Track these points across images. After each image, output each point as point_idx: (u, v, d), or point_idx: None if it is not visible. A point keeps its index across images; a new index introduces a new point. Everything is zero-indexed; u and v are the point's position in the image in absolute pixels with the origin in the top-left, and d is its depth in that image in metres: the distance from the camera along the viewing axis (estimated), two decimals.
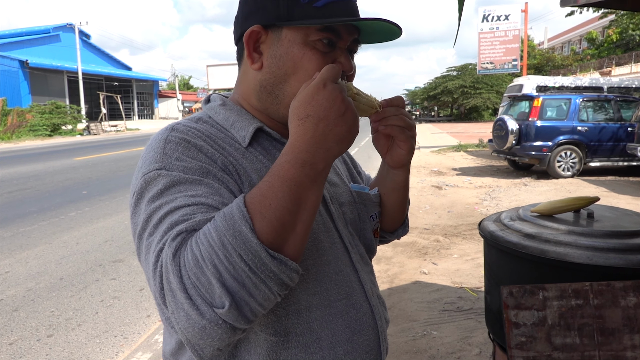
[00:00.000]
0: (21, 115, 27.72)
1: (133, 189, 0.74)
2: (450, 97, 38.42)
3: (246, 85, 0.85)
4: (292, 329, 0.75)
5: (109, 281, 4.22)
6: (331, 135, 0.65)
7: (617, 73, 23.51)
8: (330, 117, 0.65)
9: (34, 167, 12.10)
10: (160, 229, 0.65)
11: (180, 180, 0.69)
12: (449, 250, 4.92)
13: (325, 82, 0.66)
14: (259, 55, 0.81)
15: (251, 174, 0.77)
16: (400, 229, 1.07)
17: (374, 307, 0.86)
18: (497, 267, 2.02)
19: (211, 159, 0.74)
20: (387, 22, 0.78)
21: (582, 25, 46.51)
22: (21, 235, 5.67)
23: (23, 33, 36.81)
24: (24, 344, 3.15)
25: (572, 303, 1.52)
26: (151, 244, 0.66)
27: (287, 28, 0.78)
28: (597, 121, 9.64)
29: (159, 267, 0.63)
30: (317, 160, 0.65)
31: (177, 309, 0.61)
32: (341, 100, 0.65)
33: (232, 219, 0.61)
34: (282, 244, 0.63)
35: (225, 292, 0.59)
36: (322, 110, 0.65)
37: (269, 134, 0.84)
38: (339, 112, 0.65)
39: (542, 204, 2.05)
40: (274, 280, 0.61)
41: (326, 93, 0.65)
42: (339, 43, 0.80)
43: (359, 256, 0.89)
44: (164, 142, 0.74)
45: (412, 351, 2.89)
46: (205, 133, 0.78)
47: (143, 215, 0.69)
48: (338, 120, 0.65)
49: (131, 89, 44.86)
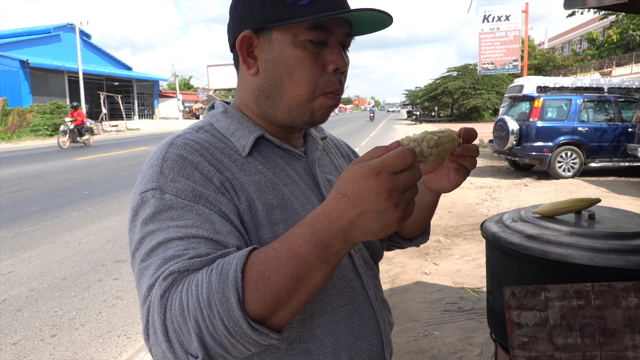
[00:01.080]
0: (22, 115, 27.72)
1: (131, 204, 0.75)
2: (451, 98, 38.39)
3: (245, 91, 0.85)
4: (295, 336, 0.76)
5: (111, 281, 4.24)
6: (359, 226, 0.59)
7: (617, 73, 23.51)
8: (365, 209, 0.58)
9: (35, 167, 12.11)
10: (154, 262, 0.66)
11: (172, 205, 0.70)
12: (450, 250, 4.94)
13: (380, 171, 0.58)
14: (254, 60, 0.81)
15: (248, 188, 0.77)
16: (419, 238, 1.06)
17: (378, 311, 0.86)
18: (499, 268, 2.04)
19: (206, 177, 0.74)
20: (375, 10, 0.76)
21: (583, 26, 46.51)
22: (24, 236, 5.69)
23: (24, 33, 36.81)
24: (27, 344, 3.17)
25: (573, 304, 1.54)
26: (143, 274, 0.68)
27: (276, 30, 0.78)
28: (598, 122, 9.66)
29: (147, 302, 0.65)
30: (335, 243, 0.61)
31: (157, 344, 0.63)
32: (387, 197, 0.57)
33: (225, 281, 0.60)
34: (270, 316, 0.62)
35: (201, 347, 0.61)
36: (361, 198, 0.58)
37: (270, 141, 0.84)
38: (378, 208, 0.58)
39: (544, 205, 2.07)
40: (252, 344, 0.62)
41: (374, 184, 0.58)
42: (330, 39, 0.79)
43: (363, 261, 0.88)
44: (162, 159, 0.75)
45: (414, 351, 2.90)
46: (204, 145, 0.78)
47: (137, 236, 0.71)
48: (372, 215, 0.58)
49: (132, 89, 44.87)
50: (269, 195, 0.78)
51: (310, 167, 0.89)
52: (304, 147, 0.92)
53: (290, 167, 0.85)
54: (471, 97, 36.42)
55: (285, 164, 0.84)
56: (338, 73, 0.80)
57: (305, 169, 0.88)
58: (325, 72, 0.79)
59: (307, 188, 0.84)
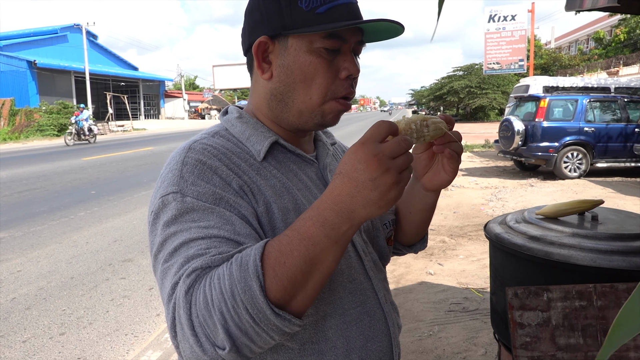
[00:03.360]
0: (29, 115, 27.94)
1: (151, 208, 0.77)
2: (456, 97, 38.29)
3: (258, 95, 0.87)
4: (308, 337, 0.78)
5: (118, 280, 4.28)
6: (358, 198, 0.62)
7: (624, 73, 23.34)
8: (359, 179, 0.62)
9: (42, 167, 12.22)
10: (176, 261, 0.68)
11: (194, 208, 0.72)
12: (454, 251, 4.94)
13: (365, 141, 0.63)
14: (268, 65, 0.82)
15: (265, 191, 0.79)
16: (418, 244, 1.08)
17: (387, 313, 0.88)
18: (502, 269, 2.06)
19: (225, 182, 0.75)
20: (390, 21, 0.79)
21: (590, 25, 46.22)
22: (32, 235, 5.75)
23: (31, 33, 37.07)
24: (37, 342, 3.22)
25: (576, 304, 1.56)
26: (167, 274, 0.70)
27: (292, 37, 0.79)
28: (604, 122, 9.61)
29: (173, 300, 0.66)
30: (341, 221, 0.64)
31: (184, 340, 0.65)
32: (377, 163, 0.61)
33: (246, 271, 0.63)
34: (290, 300, 0.65)
35: (227, 337, 0.63)
36: (353, 170, 0.62)
37: (283, 147, 0.86)
38: (370, 177, 0.61)
39: (547, 206, 2.08)
40: (276, 331, 0.65)
41: (361, 153, 0.62)
42: (344, 47, 0.81)
43: (372, 264, 0.90)
44: (181, 164, 0.76)
45: (418, 351, 2.92)
46: (221, 150, 0.80)
47: (159, 238, 0.73)
48: (368, 184, 0.61)
49: (138, 89, 45.07)
50: (284, 199, 0.80)
51: (321, 172, 0.91)
52: (315, 153, 0.94)
53: (302, 172, 0.87)
54: (477, 96, 36.32)
55: (298, 169, 0.86)
56: (350, 79, 0.83)
57: (317, 173, 0.90)
58: (337, 78, 0.81)
59: (318, 192, 0.86)
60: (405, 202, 0.99)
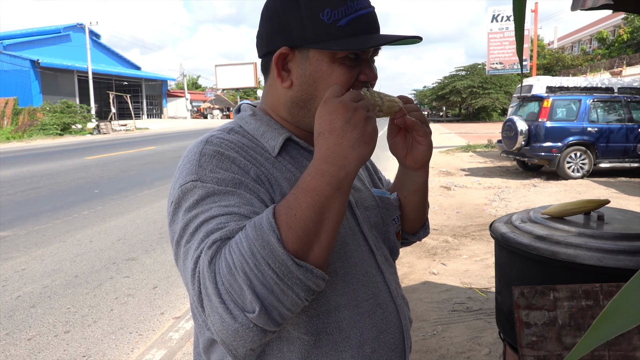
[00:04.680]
0: (32, 115, 28.03)
1: (171, 199, 0.79)
2: (459, 97, 38.28)
3: (275, 99, 0.88)
4: (322, 328, 0.79)
5: (122, 279, 4.29)
6: (344, 142, 0.69)
7: (628, 73, 23.26)
8: (336, 126, 0.69)
9: (46, 166, 12.25)
10: (197, 237, 0.70)
11: (215, 192, 0.73)
12: (458, 250, 4.94)
13: (326, 100, 0.72)
14: (288, 73, 0.83)
15: (282, 183, 0.81)
16: (421, 231, 1.11)
17: (399, 306, 0.90)
18: (508, 268, 2.06)
19: (244, 170, 0.78)
20: (410, 37, 0.81)
21: (593, 25, 46.09)
22: (36, 233, 5.77)
23: (34, 33, 37.19)
24: (41, 340, 3.23)
25: (582, 304, 1.56)
26: (189, 251, 0.71)
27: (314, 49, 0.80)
28: (608, 122, 9.59)
29: (197, 274, 0.67)
30: (336, 168, 0.69)
31: (213, 312, 0.66)
32: (344, 108, 0.70)
33: (262, 229, 0.65)
34: (308, 252, 0.67)
35: (255, 298, 0.63)
36: (327, 123, 0.70)
37: (297, 143, 0.88)
38: (345, 120, 0.69)
39: (553, 206, 2.08)
40: (301, 286, 0.66)
41: (327, 107, 0.71)
42: (362, 55, 0.83)
43: (384, 258, 0.92)
44: (199, 154, 0.78)
45: (422, 350, 2.92)
46: (237, 144, 0.82)
47: (180, 224, 0.74)
48: (346, 127, 0.69)
49: (140, 88, 45.17)
50: None
51: None
52: None
53: None
54: (479, 96, 36.29)
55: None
56: (367, 85, 0.85)
57: None
58: (357, 81, 0.83)
59: None
60: (399, 187, 1.03)
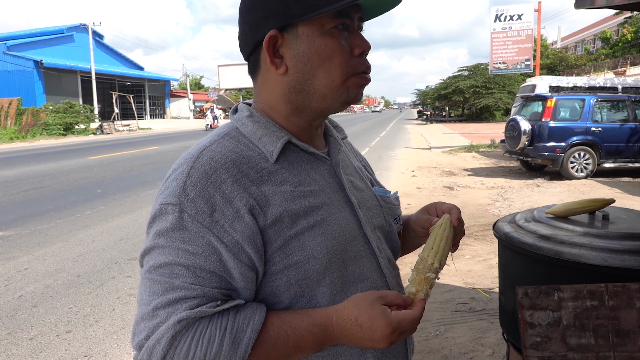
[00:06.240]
0: (36, 115, 28.11)
1: (151, 210, 0.79)
2: (462, 97, 38.17)
3: (270, 93, 0.85)
4: None
5: (124, 279, 4.29)
6: (361, 343, 0.77)
7: (632, 73, 23.15)
8: (368, 341, 0.76)
9: (49, 166, 12.28)
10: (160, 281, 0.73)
11: (187, 227, 0.73)
12: (461, 251, 4.92)
13: (393, 330, 0.75)
14: (280, 59, 0.81)
15: (274, 201, 0.77)
16: None
17: None
18: (511, 268, 2.04)
19: (227, 200, 0.75)
20: None
21: (596, 25, 45.93)
22: (38, 233, 5.78)
23: (37, 33, 37.33)
24: (43, 339, 3.22)
25: (587, 304, 1.54)
26: (147, 287, 0.74)
27: (302, 24, 0.78)
28: (611, 122, 9.54)
29: (156, 333, 0.71)
30: (334, 343, 0.78)
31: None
32: (388, 335, 0.74)
33: (235, 352, 0.71)
34: None
35: None
36: (369, 332, 0.75)
37: (296, 146, 0.85)
38: (380, 337, 0.75)
39: (557, 205, 2.06)
40: None
41: (382, 322, 0.74)
42: (350, 24, 0.81)
43: (387, 260, 0.90)
44: (186, 175, 0.76)
45: (425, 351, 2.91)
46: (230, 157, 0.78)
47: (148, 243, 0.77)
48: (374, 343, 0.76)
49: (143, 88, 45.25)
50: (295, 205, 0.79)
51: (334, 169, 0.90)
52: (327, 149, 0.93)
53: (315, 171, 0.86)
54: (482, 96, 36.19)
55: (310, 168, 0.85)
56: (364, 55, 0.83)
57: (330, 171, 0.89)
58: (352, 56, 0.82)
59: (332, 192, 0.86)
60: (410, 225, 1.06)
